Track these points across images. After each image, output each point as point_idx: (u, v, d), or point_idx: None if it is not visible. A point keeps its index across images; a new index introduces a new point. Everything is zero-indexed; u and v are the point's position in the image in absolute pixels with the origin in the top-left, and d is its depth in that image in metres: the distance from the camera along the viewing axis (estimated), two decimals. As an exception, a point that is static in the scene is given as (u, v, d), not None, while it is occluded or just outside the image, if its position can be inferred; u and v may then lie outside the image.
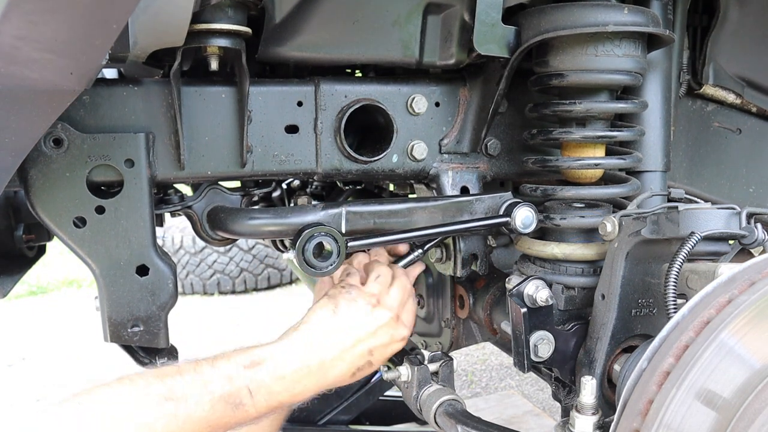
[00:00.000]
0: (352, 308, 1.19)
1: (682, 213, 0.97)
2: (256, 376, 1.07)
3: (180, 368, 1.03)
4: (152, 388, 0.98)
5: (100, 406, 0.94)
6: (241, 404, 1.04)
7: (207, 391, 1.01)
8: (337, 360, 1.15)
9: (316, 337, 1.15)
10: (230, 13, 1.10)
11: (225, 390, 1.03)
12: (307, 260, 1.21)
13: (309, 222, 1.25)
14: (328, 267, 1.23)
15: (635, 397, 0.82)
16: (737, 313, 0.78)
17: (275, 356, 1.10)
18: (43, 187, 1.14)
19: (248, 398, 1.05)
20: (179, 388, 1.00)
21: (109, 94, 1.19)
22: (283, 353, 1.11)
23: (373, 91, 1.32)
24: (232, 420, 1.04)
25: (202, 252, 5.60)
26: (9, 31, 0.63)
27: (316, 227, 1.22)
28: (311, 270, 1.22)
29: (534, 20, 1.15)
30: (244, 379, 1.05)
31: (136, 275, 1.20)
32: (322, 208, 1.27)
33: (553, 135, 1.23)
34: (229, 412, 1.03)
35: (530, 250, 1.27)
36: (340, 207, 1.28)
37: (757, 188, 1.58)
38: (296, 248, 1.20)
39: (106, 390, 0.97)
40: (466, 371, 3.94)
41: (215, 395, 1.02)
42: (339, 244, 1.22)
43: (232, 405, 1.03)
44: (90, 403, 0.94)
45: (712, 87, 1.49)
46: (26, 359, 4.43)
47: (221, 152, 1.26)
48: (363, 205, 1.30)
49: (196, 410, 0.99)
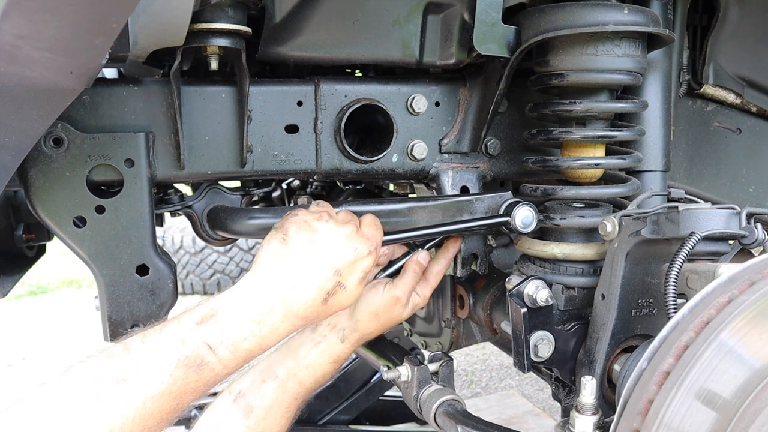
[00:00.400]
0: (302, 229, 1.06)
1: (682, 213, 0.97)
2: (212, 329, 0.96)
3: (127, 344, 0.93)
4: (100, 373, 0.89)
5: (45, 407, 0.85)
6: (203, 364, 0.94)
7: (161, 361, 0.92)
8: (301, 288, 1.03)
9: (271, 271, 1.03)
10: (230, 13, 1.10)
11: (180, 354, 0.93)
12: None
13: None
14: None
15: (635, 397, 0.82)
16: (737, 313, 0.78)
17: (229, 303, 1.00)
18: (43, 187, 1.14)
19: (210, 355, 0.95)
20: (129, 367, 0.90)
21: (109, 93, 1.19)
22: (237, 298, 1.01)
23: (373, 91, 1.32)
24: (200, 383, 0.95)
25: (202, 252, 5.61)
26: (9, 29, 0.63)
27: None
28: None
29: (534, 20, 1.15)
30: (198, 336, 0.95)
31: (136, 275, 1.20)
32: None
33: (553, 135, 1.23)
34: (192, 375, 0.93)
35: (530, 250, 1.27)
36: (339, 207, 1.28)
37: (757, 188, 1.58)
38: None
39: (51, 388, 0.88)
40: (466, 371, 3.94)
41: (170, 363, 0.92)
42: None
43: (194, 368, 0.93)
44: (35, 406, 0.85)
45: (712, 87, 1.49)
46: (26, 359, 4.43)
47: (221, 152, 1.26)
48: (363, 205, 1.30)
49: (154, 385, 0.90)
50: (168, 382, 0.91)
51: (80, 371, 0.90)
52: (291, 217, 1.09)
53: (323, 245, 1.06)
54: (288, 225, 1.08)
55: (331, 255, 1.06)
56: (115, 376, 0.89)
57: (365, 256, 1.09)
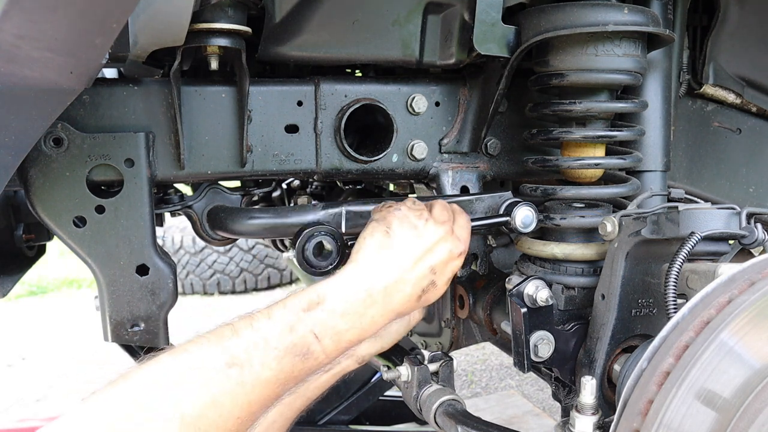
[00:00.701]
0: (405, 225, 1.09)
1: (682, 213, 0.97)
2: (318, 317, 0.97)
3: (235, 327, 0.92)
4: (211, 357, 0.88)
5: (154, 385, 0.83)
6: (309, 353, 0.95)
7: (271, 348, 0.91)
8: (400, 283, 1.05)
9: (374, 263, 1.05)
10: (230, 13, 1.10)
11: (289, 341, 0.93)
12: (306, 259, 1.21)
13: (309, 221, 1.25)
14: (327, 266, 1.23)
15: (635, 397, 0.82)
16: (737, 313, 0.78)
17: (334, 292, 1.00)
18: (43, 187, 1.14)
19: (316, 344, 0.95)
20: (240, 351, 0.89)
21: (109, 93, 1.19)
22: (342, 287, 1.01)
23: (373, 91, 1.32)
24: (303, 371, 0.95)
25: (202, 252, 5.61)
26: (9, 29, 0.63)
27: (316, 227, 1.22)
28: (311, 269, 1.22)
29: (534, 20, 1.15)
30: (306, 324, 0.96)
31: (136, 275, 1.20)
32: (322, 208, 1.27)
33: (553, 135, 1.23)
34: (298, 364, 0.94)
35: (530, 250, 1.27)
36: (340, 206, 1.28)
37: (757, 188, 1.58)
38: (296, 247, 1.20)
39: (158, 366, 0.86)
40: (466, 371, 3.94)
41: (280, 350, 0.92)
42: (339, 243, 1.22)
43: (300, 356, 0.93)
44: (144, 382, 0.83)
45: (712, 87, 1.49)
46: (26, 359, 4.43)
47: (221, 152, 1.26)
48: (363, 205, 1.30)
49: (263, 372, 0.90)
50: (276, 368, 0.91)
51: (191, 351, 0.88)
52: (394, 212, 1.11)
53: (423, 243, 1.08)
54: (391, 219, 1.10)
55: (428, 254, 1.09)
56: (226, 360, 0.88)
57: (456, 257, 1.13)
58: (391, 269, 1.05)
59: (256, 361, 0.90)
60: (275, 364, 0.91)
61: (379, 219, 1.12)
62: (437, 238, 1.10)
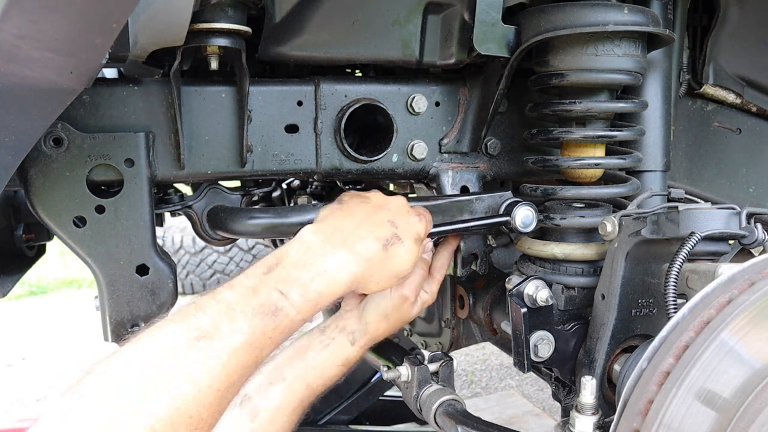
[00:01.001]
0: (355, 198, 1.16)
1: (682, 213, 0.97)
2: (279, 275, 0.97)
3: (198, 304, 0.91)
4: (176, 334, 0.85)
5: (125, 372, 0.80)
6: (277, 309, 0.93)
7: (238, 313, 0.90)
8: (358, 230, 1.07)
9: (329, 222, 1.08)
10: (230, 13, 1.10)
11: (255, 303, 0.92)
12: None
13: (309, 221, 1.25)
14: None
15: (635, 397, 0.82)
16: (737, 313, 0.78)
17: (291, 251, 1.01)
18: (43, 187, 1.14)
19: (282, 300, 0.94)
20: (206, 323, 0.87)
21: (109, 93, 1.19)
22: (299, 245, 1.03)
23: (373, 91, 1.32)
24: (277, 331, 0.93)
25: (202, 252, 5.61)
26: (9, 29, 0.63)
27: None
28: None
29: (534, 20, 1.15)
30: (268, 284, 0.95)
31: (136, 275, 1.20)
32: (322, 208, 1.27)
33: (553, 135, 1.23)
34: (269, 323, 0.92)
35: (530, 250, 1.27)
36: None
37: (757, 188, 1.58)
38: None
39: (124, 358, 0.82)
40: (466, 371, 3.94)
41: (247, 313, 0.90)
42: None
43: (269, 315, 0.92)
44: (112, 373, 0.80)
45: (712, 87, 1.48)
46: (26, 359, 4.43)
47: (221, 152, 1.26)
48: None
49: (236, 338, 0.88)
50: (247, 332, 0.89)
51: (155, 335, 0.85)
52: (344, 195, 1.19)
53: (375, 203, 1.15)
54: (341, 196, 1.18)
55: (383, 209, 1.14)
56: (194, 335, 0.85)
57: (416, 219, 1.15)
58: (347, 219, 1.09)
59: (225, 329, 0.87)
60: (246, 328, 0.89)
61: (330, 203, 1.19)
62: (388, 200, 1.17)
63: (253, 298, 0.93)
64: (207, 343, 0.85)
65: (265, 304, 0.93)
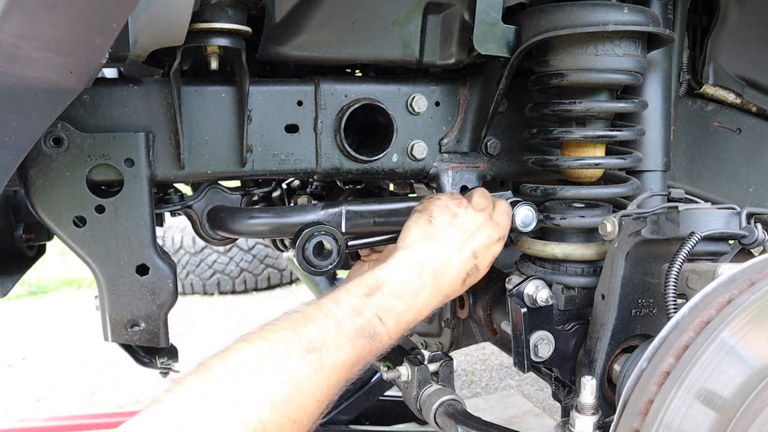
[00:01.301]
0: (445, 213, 1.16)
1: (682, 213, 0.97)
2: (379, 300, 1.03)
3: (306, 314, 0.96)
4: (290, 343, 0.90)
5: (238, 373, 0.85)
6: (375, 335, 1.00)
7: (343, 332, 0.96)
8: (446, 266, 1.12)
9: (420, 248, 1.12)
10: (230, 13, 1.10)
11: (358, 324, 0.98)
12: (306, 259, 1.21)
13: (309, 221, 1.25)
14: (327, 266, 1.23)
15: (635, 397, 0.82)
16: (737, 313, 0.78)
17: (390, 277, 1.07)
18: (43, 187, 1.14)
19: (380, 326, 1.01)
20: (316, 336, 0.93)
21: (109, 93, 1.19)
22: (396, 272, 1.08)
23: (373, 91, 1.32)
24: (370, 353, 1.00)
25: (202, 252, 5.61)
26: (9, 29, 0.63)
27: (316, 226, 1.22)
28: (311, 269, 1.22)
29: (534, 20, 1.15)
30: (370, 307, 1.01)
31: (136, 274, 1.20)
32: (322, 208, 1.28)
33: (553, 134, 1.23)
34: (367, 345, 0.99)
35: (530, 250, 1.27)
36: (340, 206, 1.28)
37: (757, 188, 1.58)
38: (296, 247, 1.20)
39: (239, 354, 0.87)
40: (466, 371, 3.94)
41: (351, 333, 0.97)
42: (339, 243, 1.22)
43: (368, 338, 0.99)
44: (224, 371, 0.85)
45: (712, 87, 1.48)
46: (26, 359, 4.43)
47: (221, 152, 1.26)
48: (363, 205, 1.30)
49: (339, 355, 0.94)
50: (349, 351, 0.95)
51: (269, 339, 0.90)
52: (434, 201, 1.19)
53: (464, 229, 1.15)
54: (432, 208, 1.17)
55: (470, 238, 1.15)
56: (305, 345, 0.91)
57: (496, 242, 1.19)
58: (436, 254, 1.12)
59: (331, 345, 0.93)
60: (349, 347, 0.95)
61: (421, 209, 1.18)
62: (477, 224, 1.17)
63: (357, 319, 0.99)
64: (316, 357, 0.91)
65: (366, 327, 0.99)
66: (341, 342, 0.95)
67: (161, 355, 1.40)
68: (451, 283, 1.13)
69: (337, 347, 0.94)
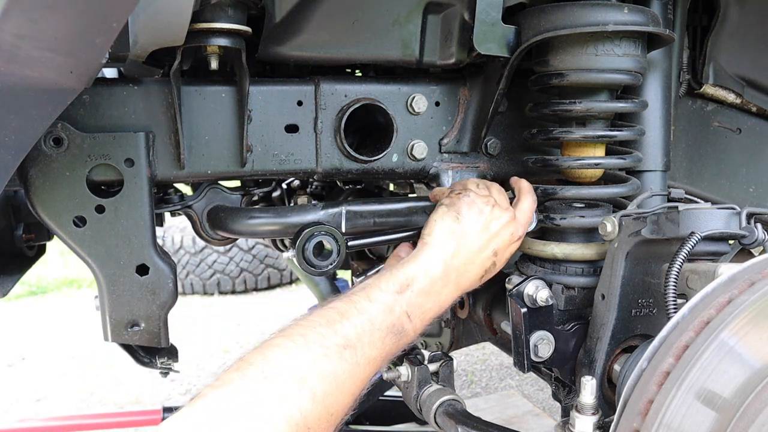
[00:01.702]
0: (473, 211, 1.17)
1: (682, 213, 0.97)
2: (409, 298, 1.06)
3: (340, 310, 0.99)
4: (327, 339, 0.93)
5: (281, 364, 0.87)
6: (403, 331, 1.03)
7: (376, 329, 0.99)
8: (469, 264, 1.15)
9: (448, 246, 1.14)
10: (230, 13, 1.10)
11: (389, 322, 1.02)
12: (307, 259, 1.21)
13: (309, 221, 1.25)
14: (327, 266, 1.23)
15: (635, 397, 0.82)
16: (737, 313, 0.78)
17: (419, 275, 1.10)
18: (43, 187, 1.14)
19: (408, 323, 1.05)
20: (352, 333, 0.96)
21: (109, 93, 1.19)
22: (425, 270, 1.11)
23: (373, 91, 1.32)
24: (397, 348, 1.04)
25: (202, 252, 5.60)
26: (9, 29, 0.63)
27: (316, 226, 1.22)
28: (311, 269, 1.22)
29: (534, 20, 1.15)
30: (401, 305, 1.04)
31: (136, 274, 1.20)
32: (322, 208, 1.28)
33: (553, 134, 1.23)
34: (396, 342, 1.02)
35: (530, 250, 1.27)
36: (340, 206, 1.28)
37: (757, 188, 1.58)
38: (296, 247, 1.20)
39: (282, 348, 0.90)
40: (466, 371, 3.93)
41: (383, 330, 1.00)
42: (339, 243, 1.23)
43: (397, 334, 1.02)
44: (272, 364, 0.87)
45: (712, 87, 1.48)
46: (26, 359, 4.43)
47: (221, 151, 1.26)
48: (363, 205, 1.30)
49: (372, 351, 0.97)
50: (381, 348, 0.99)
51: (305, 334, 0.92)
52: (463, 197, 1.19)
53: (489, 229, 1.17)
54: (460, 205, 1.18)
55: (494, 238, 1.17)
56: (340, 342, 0.93)
57: (516, 240, 1.22)
58: (462, 252, 1.14)
59: (365, 341, 0.97)
60: (380, 344, 0.99)
61: (448, 204, 1.18)
62: (502, 223, 1.18)
63: (389, 317, 1.02)
64: (352, 353, 0.94)
65: (396, 325, 1.02)
66: (374, 338, 0.98)
67: (161, 355, 1.40)
68: (471, 280, 1.17)
69: (371, 344, 0.97)
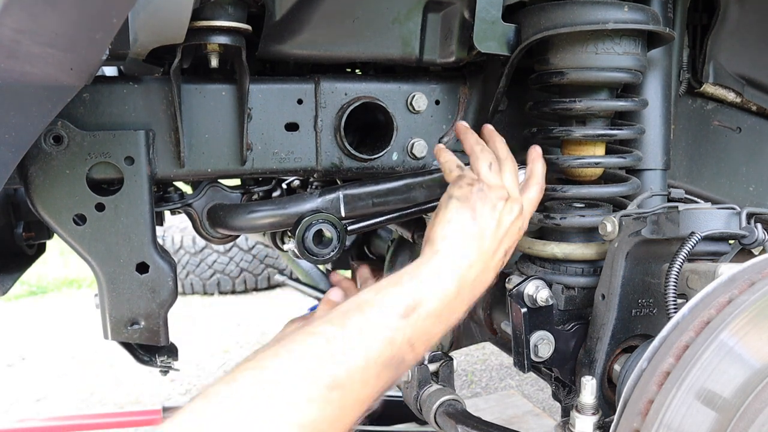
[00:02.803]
0: (487, 207, 1.05)
1: (682, 213, 0.97)
2: (414, 323, 0.92)
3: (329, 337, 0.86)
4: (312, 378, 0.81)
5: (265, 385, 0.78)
6: (402, 362, 0.91)
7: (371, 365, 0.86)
8: (485, 272, 1.04)
9: (466, 256, 1.01)
10: (230, 11, 1.10)
11: (387, 356, 0.88)
12: (307, 249, 1.21)
13: (307, 210, 1.25)
14: (329, 253, 1.23)
15: (635, 397, 0.82)
16: (737, 313, 0.78)
17: (429, 294, 0.95)
18: (43, 185, 1.14)
19: (410, 353, 0.92)
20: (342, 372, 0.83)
21: (109, 91, 1.19)
22: (436, 287, 0.96)
23: (374, 89, 1.32)
24: (393, 381, 0.92)
25: (202, 252, 5.60)
26: (9, 24, 0.63)
27: (314, 215, 1.22)
28: (313, 258, 1.22)
29: (534, 18, 1.14)
30: (404, 333, 0.91)
31: (136, 273, 1.20)
32: (320, 195, 1.28)
33: (553, 133, 1.23)
34: (393, 376, 0.90)
35: (530, 250, 1.26)
36: (337, 191, 1.28)
37: (757, 187, 1.58)
38: (296, 237, 1.20)
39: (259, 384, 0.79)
40: (466, 371, 3.93)
41: (379, 366, 0.87)
42: (338, 229, 1.22)
43: (394, 367, 0.89)
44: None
45: (712, 85, 1.48)
46: (26, 359, 4.43)
47: (221, 150, 1.26)
48: (360, 187, 1.30)
49: (364, 390, 0.85)
50: (374, 385, 0.87)
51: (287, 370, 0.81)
52: (476, 192, 1.07)
53: (502, 224, 1.06)
54: (475, 201, 1.06)
55: (505, 236, 1.07)
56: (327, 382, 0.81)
57: (521, 235, 1.14)
58: (479, 261, 1.02)
59: (357, 379, 0.84)
60: (374, 381, 0.87)
61: (460, 198, 1.06)
62: (512, 218, 1.08)
63: (388, 349, 0.88)
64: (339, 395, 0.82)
65: (396, 357, 0.90)
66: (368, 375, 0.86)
67: (161, 354, 1.40)
68: (482, 288, 1.05)
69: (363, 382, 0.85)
